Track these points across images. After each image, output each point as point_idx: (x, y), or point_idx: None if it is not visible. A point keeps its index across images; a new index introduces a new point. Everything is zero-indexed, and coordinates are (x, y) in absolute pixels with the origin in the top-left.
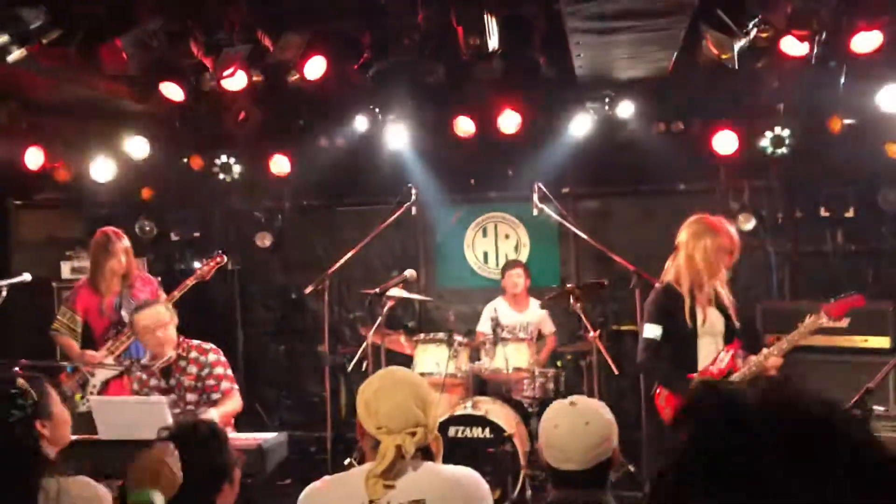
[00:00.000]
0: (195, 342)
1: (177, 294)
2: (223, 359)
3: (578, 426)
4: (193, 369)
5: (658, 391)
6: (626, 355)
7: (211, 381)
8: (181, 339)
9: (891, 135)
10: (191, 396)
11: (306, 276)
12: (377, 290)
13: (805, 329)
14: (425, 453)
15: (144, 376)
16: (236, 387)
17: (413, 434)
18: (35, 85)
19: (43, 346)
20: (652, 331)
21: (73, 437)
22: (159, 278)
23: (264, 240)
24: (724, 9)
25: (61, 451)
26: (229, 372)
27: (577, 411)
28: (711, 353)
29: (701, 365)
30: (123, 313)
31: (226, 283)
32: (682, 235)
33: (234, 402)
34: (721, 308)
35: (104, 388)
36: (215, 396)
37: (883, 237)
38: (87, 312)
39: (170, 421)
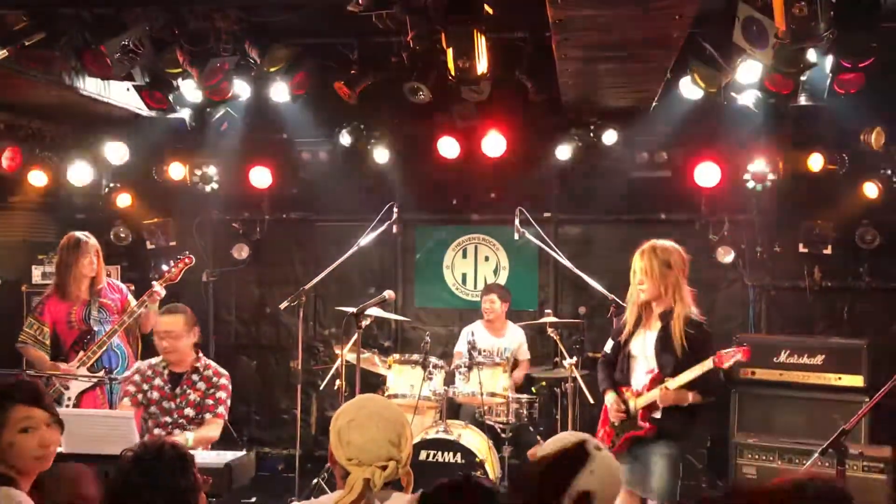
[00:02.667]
0: (215, 364)
1: (147, 299)
2: (230, 388)
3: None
4: (202, 386)
5: None
6: None
7: (210, 402)
8: (200, 356)
9: (871, 174)
10: (189, 411)
11: (282, 289)
12: (355, 309)
13: (694, 372)
14: (395, 486)
15: (150, 373)
16: (226, 416)
17: (384, 468)
18: (14, 86)
19: (8, 350)
20: (607, 345)
21: None
22: (132, 286)
23: (241, 251)
24: (713, 44)
25: None
26: (229, 402)
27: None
28: (644, 373)
29: (633, 382)
30: (93, 323)
31: (199, 294)
32: None
33: (215, 430)
34: (665, 333)
35: (79, 400)
36: (208, 416)
37: (859, 275)
38: (55, 323)
39: (136, 436)
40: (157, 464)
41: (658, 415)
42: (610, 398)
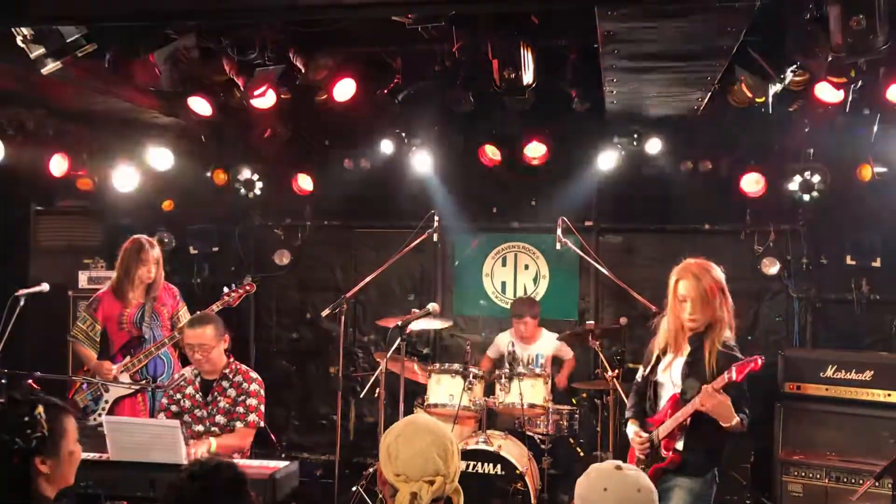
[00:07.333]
0: (244, 367)
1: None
2: (262, 392)
3: (630, 492)
4: (233, 393)
5: None
6: None
7: (240, 409)
8: (231, 361)
9: None
10: (220, 418)
11: (323, 295)
12: (398, 323)
13: (694, 404)
14: None
15: (183, 382)
16: (262, 425)
17: (431, 482)
18: (63, 93)
19: (56, 355)
20: (639, 372)
21: (83, 456)
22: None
23: (282, 257)
24: (762, 53)
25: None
26: (262, 408)
27: (625, 477)
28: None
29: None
30: (144, 328)
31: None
32: None
33: (244, 439)
34: (693, 358)
35: (117, 404)
36: (239, 425)
37: None
38: (106, 321)
39: (182, 446)
40: (215, 483)
41: (680, 445)
42: (630, 430)
